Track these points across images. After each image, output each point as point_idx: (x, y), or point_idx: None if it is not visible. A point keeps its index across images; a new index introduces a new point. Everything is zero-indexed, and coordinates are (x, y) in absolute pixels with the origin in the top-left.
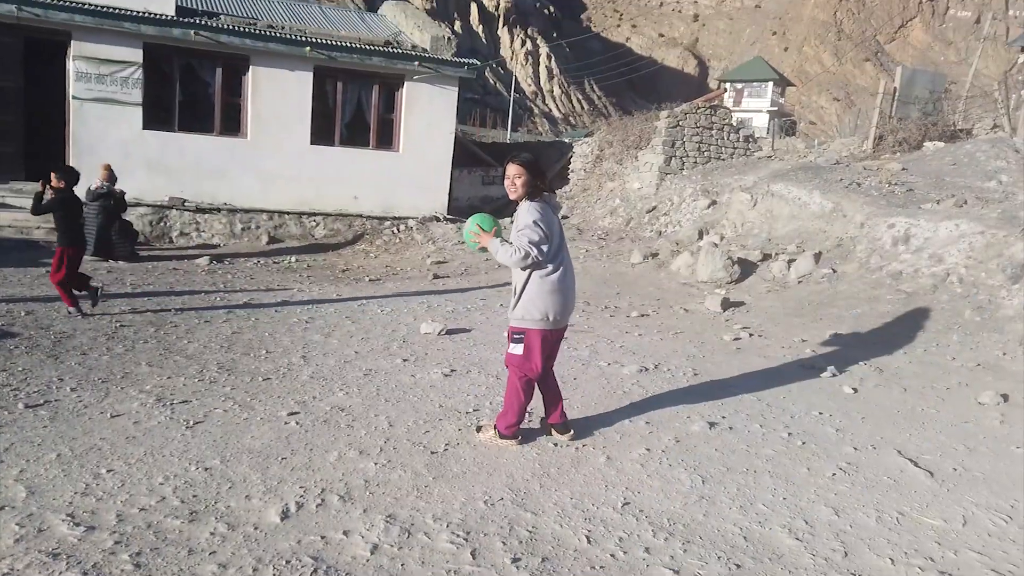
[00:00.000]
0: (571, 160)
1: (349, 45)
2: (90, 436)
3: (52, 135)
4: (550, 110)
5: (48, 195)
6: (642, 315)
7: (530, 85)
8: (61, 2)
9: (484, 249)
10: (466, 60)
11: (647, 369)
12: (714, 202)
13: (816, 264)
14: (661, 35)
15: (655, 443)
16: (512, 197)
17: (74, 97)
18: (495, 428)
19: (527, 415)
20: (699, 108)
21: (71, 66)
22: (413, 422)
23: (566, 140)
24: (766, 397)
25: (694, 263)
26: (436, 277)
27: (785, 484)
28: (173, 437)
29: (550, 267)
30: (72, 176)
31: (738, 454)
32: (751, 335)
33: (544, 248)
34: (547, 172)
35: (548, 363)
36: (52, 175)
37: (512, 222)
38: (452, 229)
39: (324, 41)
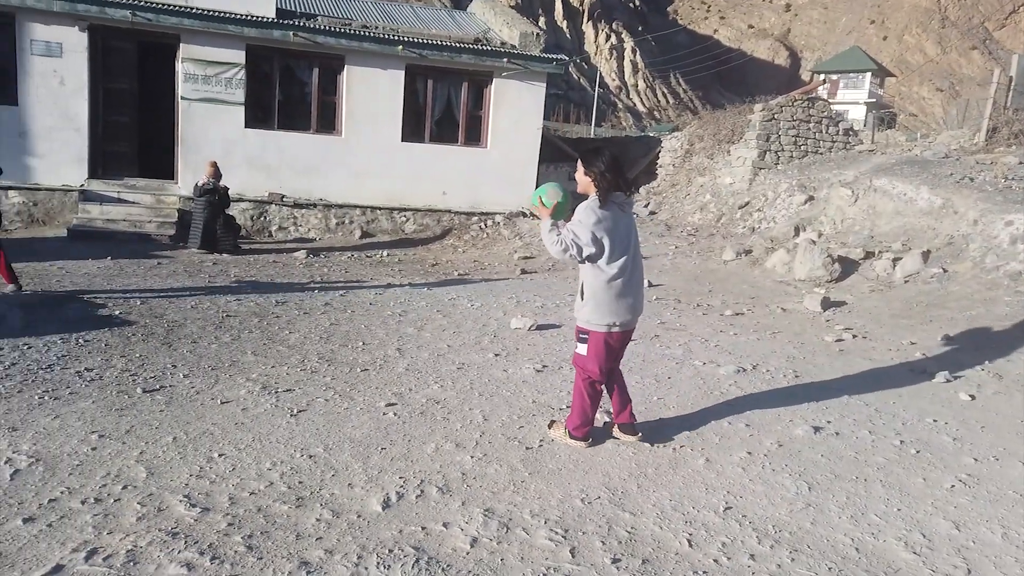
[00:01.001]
0: (659, 155)
1: (439, 43)
2: (202, 421)
3: (163, 134)
4: (634, 104)
5: None
6: (736, 314)
7: (614, 80)
8: (171, 7)
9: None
10: (554, 56)
11: (745, 369)
12: (811, 198)
13: (924, 263)
14: (751, 26)
15: (756, 446)
16: (579, 191)
17: (183, 97)
18: (565, 428)
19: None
20: (796, 101)
21: (180, 68)
22: (507, 417)
23: (651, 135)
24: (874, 402)
25: (791, 261)
26: (524, 272)
27: (899, 494)
28: (279, 424)
29: (615, 270)
30: None
31: (846, 461)
32: (855, 336)
33: (586, 251)
34: (616, 170)
35: (614, 365)
36: None
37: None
38: (539, 225)
39: (415, 40)
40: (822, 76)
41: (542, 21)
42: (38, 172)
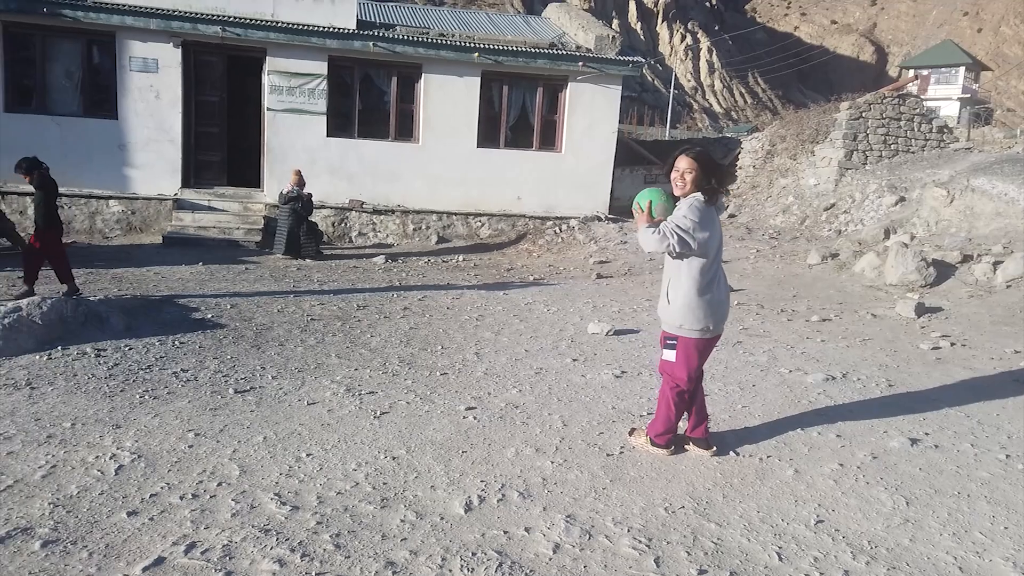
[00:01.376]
0: (738, 157)
1: (514, 49)
2: (290, 421)
3: (250, 143)
4: (710, 105)
5: None
6: (823, 320)
7: (689, 80)
8: (258, 22)
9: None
10: (630, 58)
11: (834, 378)
12: (903, 198)
13: None
14: (834, 22)
15: (848, 458)
16: (677, 193)
17: (268, 108)
18: (647, 435)
19: (710, 420)
20: (884, 98)
21: (266, 80)
22: (587, 422)
23: (729, 135)
24: (975, 413)
25: (881, 264)
26: (599, 277)
27: (1006, 512)
28: (363, 426)
29: (711, 273)
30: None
31: (947, 475)
32: (952, 344)
33: (690, 243)
34: (722, 171)
35: (699, 373)
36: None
37: None
38: (614, 229)
39: (491, 46)
40: (912, 72)
41: (615, 24)
42: (136, 182)
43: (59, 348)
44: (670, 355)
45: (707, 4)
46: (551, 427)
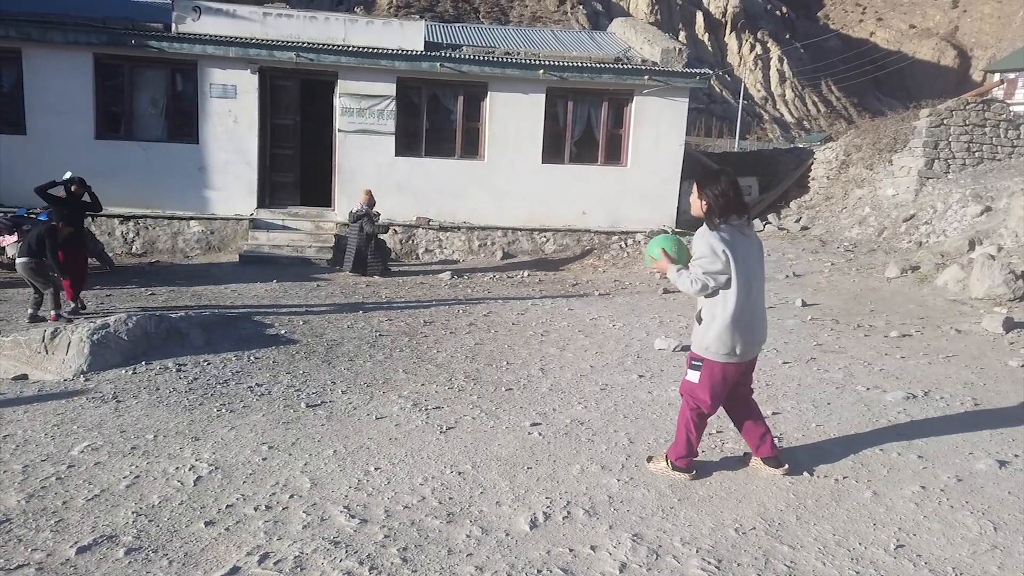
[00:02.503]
0: (811, 167)
1: (579, 65)
2: (359, 435)
3: (321, 164)
4: (781, 115)
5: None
6: (903, 335)
7: (759, 91)
8: (330, 46)
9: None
10: (697, 70)
11: (915, 396)
12: (988, 208)
13: None
14: (912, 26)
15: (931, 480)
16: (693, 214)
17: (340, 130)
18: (667, 459)
19: (778, 440)
20: (968, 104)
21: (337, 102)
22: (653, 440)
23: (801, 146)
24: None
25: (965, 278)
26: (666, 292)
27: None
28: (429, 441)
29: (736, 296)
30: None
31: None
32: None
33: (722, 278)
34: (731, 193)
35: (740, 392)
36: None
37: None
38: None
39: (556, 63)
40: (997, 76)
41: (682, 35)
42: (214, 203)
43: (143, 363)
44: (693, 376)
45: (777, 13)
46: (617, 444)
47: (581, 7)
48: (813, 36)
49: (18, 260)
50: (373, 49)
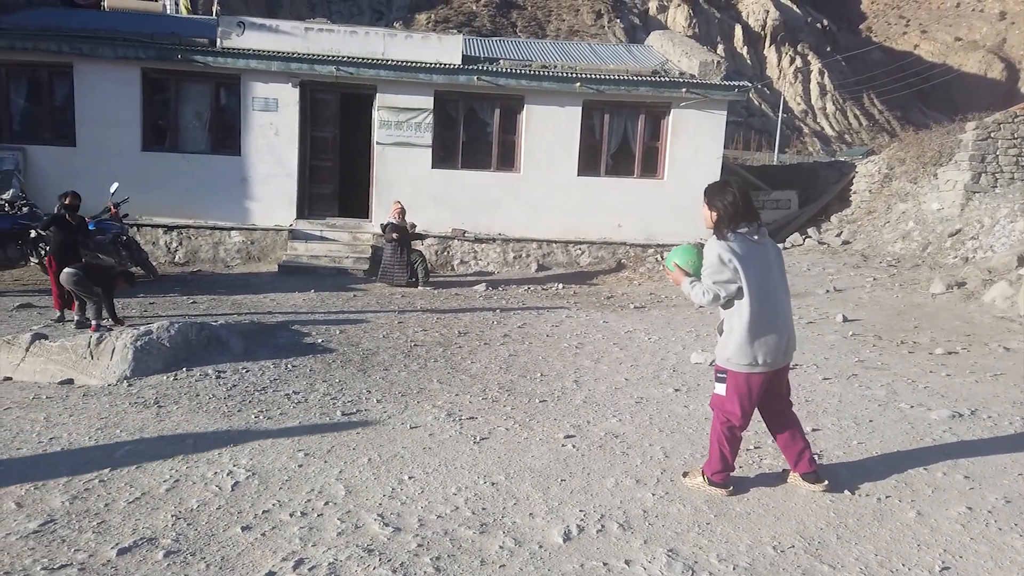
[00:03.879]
0: (852, 181)
1: (616, 77)
2: (393, 444)
3: (359, 176)
4: (822, 128)
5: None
6: (949, 352)
7: (799, 104)
8: (370, 60)
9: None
10: (736, 83)
11: (961, 415)
12: None
13: None
14: (958, 39)
15: (978, 501)
16: (706, 227)
17: (378, 143)
18: (703, 474)
19: (818, 456)
20: (1017, 116)
21: (376, 115)
22: (689, 455)
23: (842, 159)
24: None
25: (1014, 294)
26: (702, 306)
27: None
28: (463, 451)
29: (750, 305)
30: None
31: None
32: None
33: (732, 287)
34: (739, 202)
35: (775, 405)
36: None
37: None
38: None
39: (592, 76)
40: None
41: (720, 48)
42: (255, 214)
43: (184, 369)
44: (720, 388)
45: (818, 26)
46: (652, 458)
47: (618, 21)
48: (855, 49)
49: (64, 271)
50: (411, 63)
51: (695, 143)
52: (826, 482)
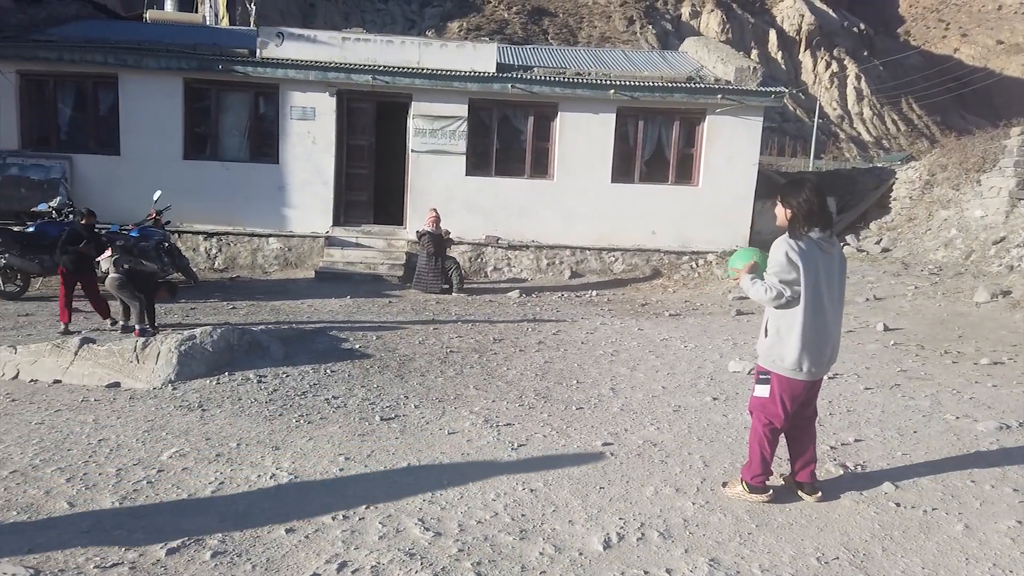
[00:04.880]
0: (892, 187)
1: (651, 84)
2: (432, 450)
3: (394, 184)
4: (858, 134)
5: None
6: (995, 363)
7: (835, 109)
8: (405, 69)
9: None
10: (772, 88)
11: (1008, 427)
12: None
13: None
14: (1000, 42)
15: None
16: (778, 224)
17: (412, 150)
18: (742, 481)
19: (860, 467)
20: None
21: (410, 123)
22: (729, 464)
23: (880, 165)
24: None
25: None
26: (739, 313)
27: None
28: (501, 457)
29: (803, 310)
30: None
31: None
32: None
33: (797, 288)
34: (816, 203)
35: (804, 413)
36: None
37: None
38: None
39: (626, 82)
40: None
41: (754, 54)
42: (292, 221)
43: (226, 373)
44: (762, 391)
45: (855, 30)
46: (691, 467)
47: (650, 27)
48: (893, 53)
49: (109, 276)
50: (446, 72)
51: (730, 150)
52: (820, 493)
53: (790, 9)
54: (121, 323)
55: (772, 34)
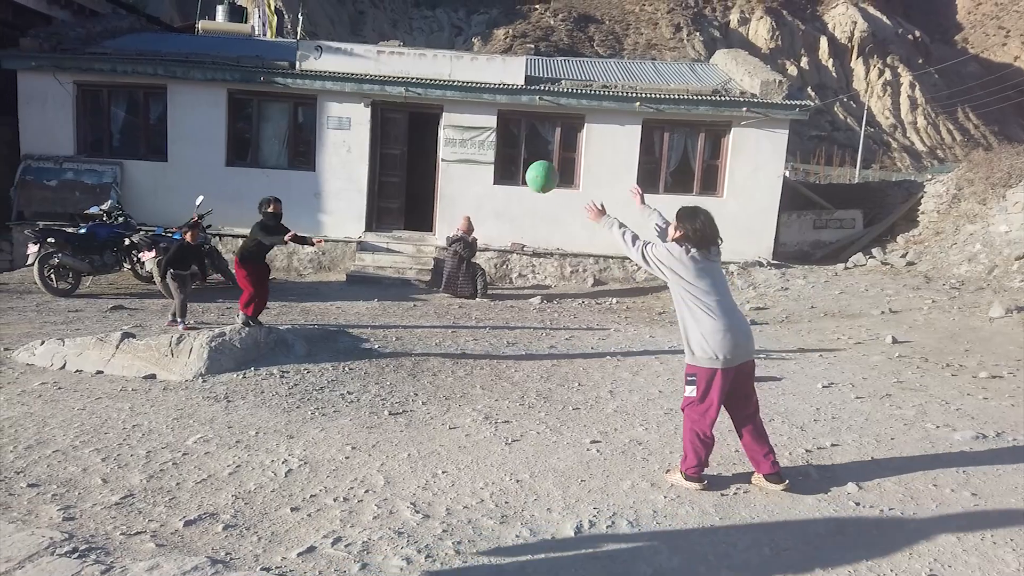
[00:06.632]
0: (920, 201)
1: (676, 97)
2: (432, 442)
3: (424, 191)
4: (912, 143)
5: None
6: (993, 376)
7: (888, 118)
8: (437, 81)
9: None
10: (797, 102)
11: (985, 436)
12: None
13: None
14: None
15: (980, 519)
16: (670, 239)
17: (443, 160)
18: (681, 470)
19: (828, 466)
20: None
21: (441, 134)
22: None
23: (911, 178)
24: None
25: None
26: (754, 324)
27: None
28: (494, 450)
29: (708, 308)
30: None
31: None
32: None
33: (648, 259)
34: (704, 230)
35: (745, 410)
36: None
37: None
38: (775, 275)
39: (652, 95)
40: None
41: (804, 61)
42: (326, 226)
43: (252, 368)
44: (690, 390)
45: (909, 37)
46: (670, 464)
47: (698, 34)
48: (948, 60)
49: (170, 272)
50: (476, 84)
51: (756, 162)
52: (787, 482)
53: (842, 16)
54: (170, 318)
55: (823, 41)
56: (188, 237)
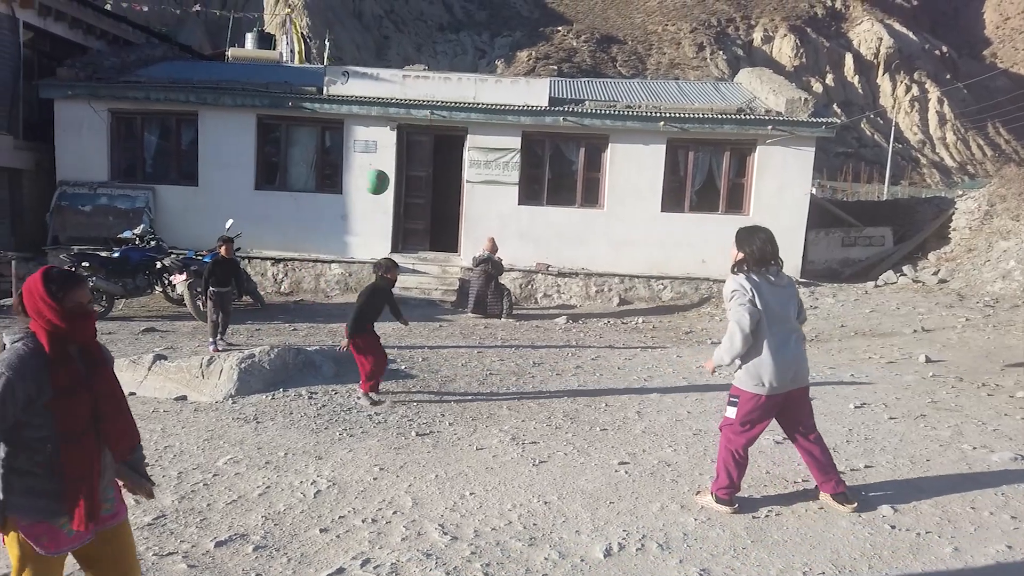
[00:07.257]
0: (951, 217)
1: (701, 116)
2: (459, 463)
3: (449, 213)
4: (941, 159)
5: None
6: None
7: (916, 134)
8: (461, 104)
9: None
10: (823, 119)
11: (1023, 457)
12: None
13: None
14: None
15: (1020, 541)
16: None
17: (468, 181)
18: (712, 492)
19: (863, 492)
20: None
21: (466, 155)
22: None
23: (941, 195)
24: None
25: None
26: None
27: None
28: (522, 472)
29: (762, 334)
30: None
31: None
32: None
33: (752, 320)
34: (764, 248)
35: (806, 437)
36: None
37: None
38: (804, 293)
39: (676, 115)
40: None
41: (829, 78)
42: (353, 248)
43: (281, 390)
44: (730, 411)
45: (937, 53)
46: (701, 486)
47: (721, 53)
48: (977, 75)
49: (212, 290)
50: (501, 106)
51: (781, 180)
52: (855, 504)
53: (867, 33)
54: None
55: (848, 58)
56: (223, 251)
